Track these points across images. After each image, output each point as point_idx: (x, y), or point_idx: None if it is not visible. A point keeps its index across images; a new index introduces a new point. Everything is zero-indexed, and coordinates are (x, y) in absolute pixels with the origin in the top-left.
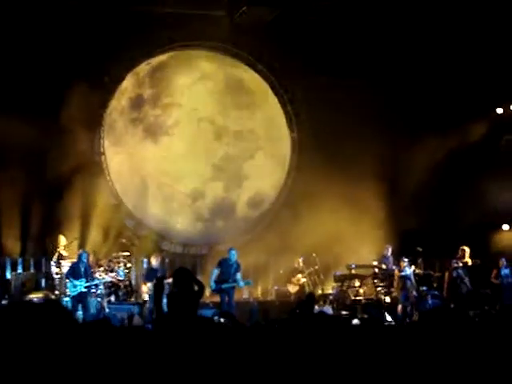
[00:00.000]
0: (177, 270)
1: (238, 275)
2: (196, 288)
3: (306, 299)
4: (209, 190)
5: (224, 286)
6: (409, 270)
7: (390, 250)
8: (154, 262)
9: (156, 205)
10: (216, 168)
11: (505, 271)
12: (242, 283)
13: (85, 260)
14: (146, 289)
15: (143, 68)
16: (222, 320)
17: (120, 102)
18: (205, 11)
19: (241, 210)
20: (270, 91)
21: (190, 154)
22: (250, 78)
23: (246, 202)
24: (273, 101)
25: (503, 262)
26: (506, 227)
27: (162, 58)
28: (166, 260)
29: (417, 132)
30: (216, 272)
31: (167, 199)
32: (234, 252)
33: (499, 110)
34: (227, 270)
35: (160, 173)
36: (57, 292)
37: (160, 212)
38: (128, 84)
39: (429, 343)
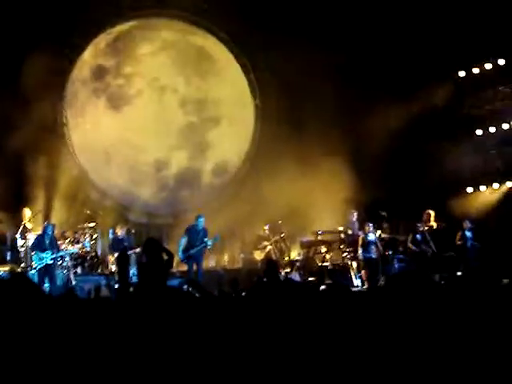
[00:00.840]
0: (146, 240)
1: (206, 240)
2: (165, 257)
3: (267, 266)
4: (173, 160)
5: (192, 251)
6: (373, 235)
7: (355, 215)
8: (120, 232)
9: (120, 176)
10: (180, 137)
11: (468, 234)
12: (209, 242)
13: (50, 232)
14: (112, 259)
15: (104, 38)
16: (190, 289)
17: (81, 72)
18: None
19: (206, 179)
20: (232, 59)
21: (153, 124)
22: (212, 45)
23: (210, 170)
24: (236, 68)
25: (467, 224)
26: (469, 190)
27: (123, 27)
28: (132, 231)
29: (378, 96)
30: (184, 240)
31: (131, 170)
32: (201, 219)
33: (461, 73)
34: (195, 237)
35: (123, 143)
36: (23, 265)
37: (124, 183)
38: (89, 54)
39: (395, 307)
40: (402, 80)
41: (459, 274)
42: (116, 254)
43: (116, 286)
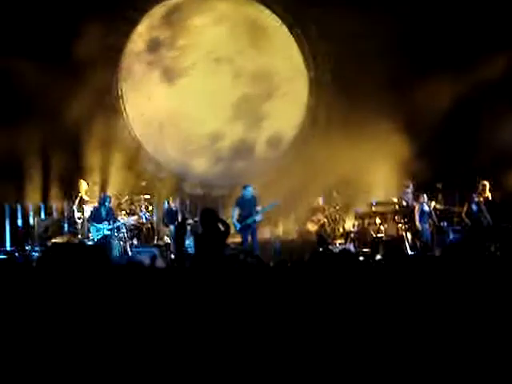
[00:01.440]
0: (202, 210)
1: (257, 209)
2: (222, 228)
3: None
4: (228, 131)
5: (249, 220)
6: (427, 206)
7: (410, 186)
8: (173, 204)
9: (175, 148)
10: (234, 109)
11: None
12: (265, 208)
13: (107, 203)
14: (166, 231)
15: (158, 10)
16: (246, 259)
17: (136, 44)
18: None
19: (260, 150)
20: (286, 31)
21: (207, 96)
22: (267, 17)
23: (265, 142)
24: (290, 41)
25: None
26: None
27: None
28: (187, 202)
29: (435, 66)
30: (235, 212)
31: (186, 142)
32: (249, 188)
33: None
34: (246, 207)
35: (178, 115)
36: (80, 236)
37: (179, 155)
38: (143, 27)
39: (451, 277)
40: (461, 48)
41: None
42: (170, 226)
43: (172, 257)
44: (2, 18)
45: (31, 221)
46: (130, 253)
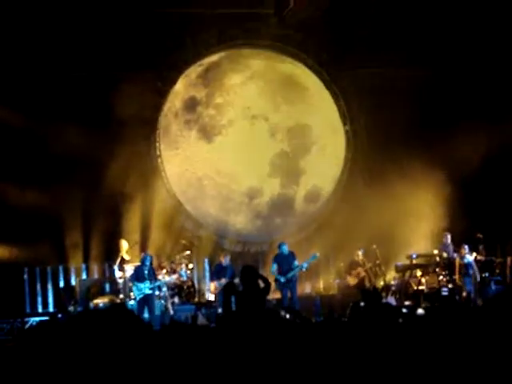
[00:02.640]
0: (242, 268)
1: (296, 263)
2: (262, 285)
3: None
4: (266, 188)
5: (290, 274)
6: (470, 257)
7: (449, 237)
8: (223, 260)
9: (214, 205)
10: (272, 165)
11: None
12: (307, 262)
13: (148, 263)
14: (213, 287)
15: (195, 69)
16: (287, 315)
17: (174, 104)
18: (252, 10)
19: (299, 206)
20: (321, 85)
21: (245, 153)
22: (301, 73)
23: (303, 197)
24: (325, 95)
25: None
26: None
27: (213, 58)
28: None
29: (470, 119)
30: (274, 268)
31: (225, 199)
32: (284, 245)
33: None
34: (285, 262)
35: (216, 173)
36: (121, 296)
37: (218, 212)
38: (181, 86)
39: (493, 328)
40: (495, 101)
41: None
42: (216, 282)
43: (216, 314)
44: (43, 84)
45: (73, 282)
46: (171, 311)
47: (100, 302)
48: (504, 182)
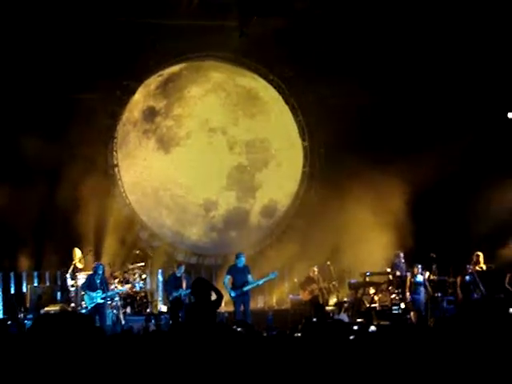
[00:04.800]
0: (194, 280)
1: (249, 277)
2: (214, 297)
3: (315, 308)
4: (222, 200)
5: (245, 288)
6: (421, 276)
7: (401, 256)
8: (177, 271)
9: (169, 216)
10: (229, 178)
11: None
12: (264, 279)
13: (100, 272)
14: (165, 299)
15: (155, 80)
16: (238, 329)
17: (133, 113)
18: (216, 22)
19: (254, 220)
20: (281, 100)
21: (202, 165)
22: (261, 87)
23: (259, 211)
24: (284, 109)
25: None
26: None
27: (174, 69)
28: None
29: (429, 139)
30: (227, 280)
31: (180, 210)
32: (242, 258)
33: (511, 115)
34: (239, 275)
35: (173, 184)
36: (73, 304)
37: (173, 223)
38: (140, 96)
39: (445, 349)
40: (455, 121)
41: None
42: (173, 295)
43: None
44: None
45: (24, 289)
46: (123, 321)
47: (51, 309)
48: (457, 203)
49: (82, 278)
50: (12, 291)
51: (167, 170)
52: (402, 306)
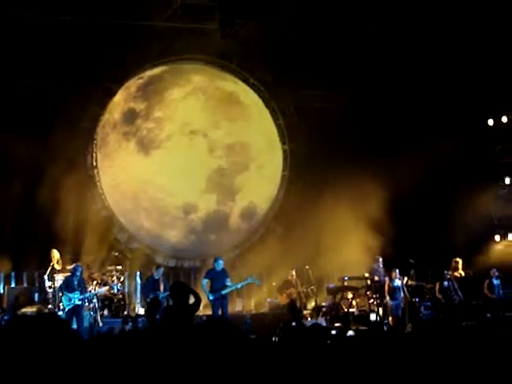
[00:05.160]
0: (173, 283)
1: (228, 281)
2: (192, 300)
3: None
4: (202, 203)
5: (224, 291)
6: (399, 281)
7: (380, 261)
8: (155, 273)
9: (148, 219)
10: (209, 181)
11: (496, 282)
12: (243, 283)
13: (78, 274)
14: (142, 301)
15: (135, 82)
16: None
17: (113, 115)
18: (197, 25)
19: (234, 223)
20: (261, 104)
21: (182, 168)
22: (242, 90)
23: (238, 214)
24: (265, 113)
25: (494, 272)
26: (497, 238)
27: (155, 71)
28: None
29: (406, 143)
30: (206, 282)
31: (160, 213)
32: (220, 261)
33: (490, 122)
34: (217, 278)
35: (152, 187)
36: (50, 306)
37: (153, 226)
38: (120, 98)
39: (422, 354)
40: (435, 126)
41: (488, 321)
42: (150, 296)
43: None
44: None
45: (1, 289)
46: (100, 323)
47: (28, 310)
48: (436, 209)
49: (59, 279)
50: None
51: (147, 172)
52: (380, 310)
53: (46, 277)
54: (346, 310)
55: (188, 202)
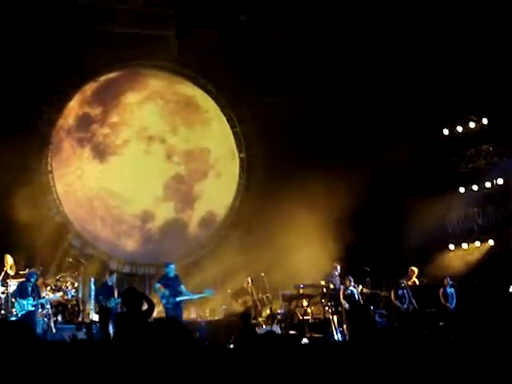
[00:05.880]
0: (125, 290)
1: (182, 287)
2: (145, 307)
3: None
4: (159, 212)
5: (178, 299)
6: (354, 289)
7: (338, 268)
8: (109, 279)
9: (104, 227)
10: (166, 188)
11: (450, 290)
12: (200, 295)
13: (33, 280)
14: (97, 307)
15: (91, 86)
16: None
17: (67, 120)
18: (154, 31)
19: (191, 230)
20: (219, 110)
21: (139, 175)
22: (201, 95)
23: (197, 222)
24: (223, 120)
25: (448, 281)
26: (452, 247)
27: (111, 75)
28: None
29: (364, 148)
30: (158, 286)
31: (116, 221)
32: (172, 266)
33: (445, 131)
34: (170, 285)
35: (108, 194)
36: (3, 311)
37: (108, 234)
38: (75, 102)
39: (377, 361)
40: (388, 135)
41: (441, 329)
42: (103, 304)
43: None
44: None
45: None
46: (53, 329)
47: None
48: (391, 217)
49: (12, 284)
50: None
51: (102, 179)
52: (335, 318)
53: None
54: (300, 317)
55: (145, 209)
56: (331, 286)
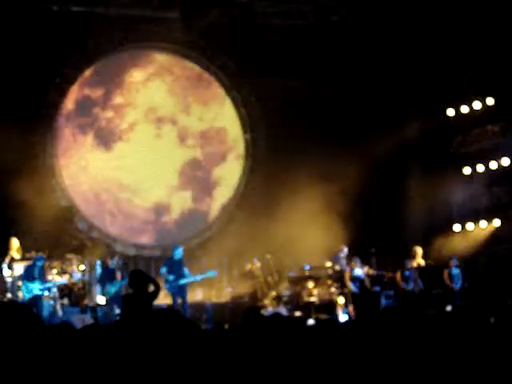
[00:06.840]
0: (131, 271)
1: (185, 270)
2: (152, 289)
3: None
4: (175, 202)
5: (181, 281)
6: (360, 270)
7: (345, 250)
8: (110, 263)
9: (115, 224)
10: (182, 175)
11: (455, 271)
12: (203, 276)
13: (39, 264)
14: (100, 290)
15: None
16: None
17: (65, 105)
18: (158, 13)
19: (212, 221)
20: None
21: (149, 162)
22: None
23: (217, 211)
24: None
25: (453, 262)
26: (457, 228)
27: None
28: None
29: (366, 132)
30: (164, 269)
31: (127, 217)
32: (179, 250)
33: (451, 111)
34: (175, 267)
35: (117, 186)
36: (9, 295)
37: (121, 232)
38: (75, 85)
39: (383, 342)
40: (399, 112)
41: (447, 310)
42: (107, 286)
43: (104, 318)
44: None
45: None
46: (60, 313)
47: None
48: (395, 197)
49: (18, 268)
50: None
51: (109, 169)
52: (341, 300)
53: (4, 266)
54: (306, 299)
55: (159, 201)
56: (337, 268)
